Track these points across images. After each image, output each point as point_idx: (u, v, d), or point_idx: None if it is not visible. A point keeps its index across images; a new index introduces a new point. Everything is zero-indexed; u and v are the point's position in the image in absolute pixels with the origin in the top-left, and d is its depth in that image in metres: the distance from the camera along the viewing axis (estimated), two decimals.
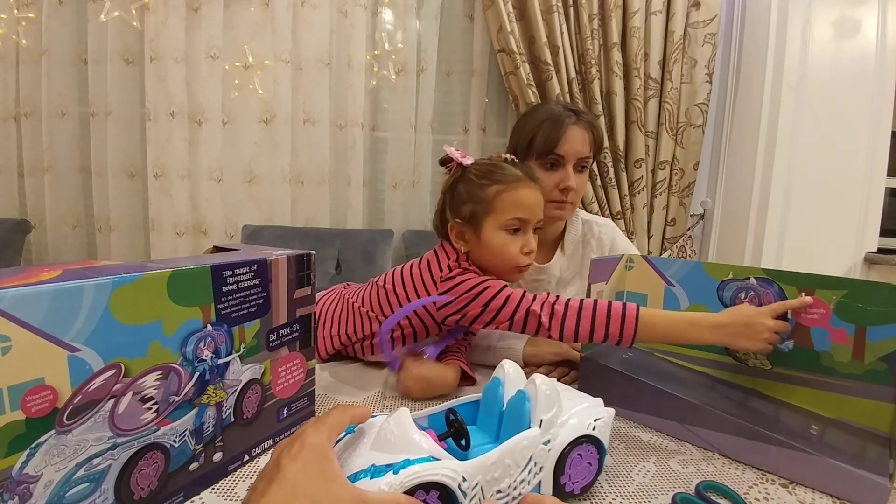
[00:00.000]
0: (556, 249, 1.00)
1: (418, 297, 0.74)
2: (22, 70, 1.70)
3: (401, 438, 0.37)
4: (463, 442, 0.42)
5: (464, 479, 0.37)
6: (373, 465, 0.36)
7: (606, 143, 1.74)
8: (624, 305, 0.62)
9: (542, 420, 0.42)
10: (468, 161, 0.79)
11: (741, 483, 0.50)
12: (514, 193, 0.76)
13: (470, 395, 0.51)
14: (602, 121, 1.73)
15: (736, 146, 1.84)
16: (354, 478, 0.35)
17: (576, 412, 0.45)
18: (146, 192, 1.74)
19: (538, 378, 0.44)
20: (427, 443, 0.37)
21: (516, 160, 0.81)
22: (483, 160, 0.80)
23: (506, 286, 0.70)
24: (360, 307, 0.79)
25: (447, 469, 0.36)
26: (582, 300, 0.65)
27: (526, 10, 1.68)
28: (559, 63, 1.68)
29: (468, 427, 0.43)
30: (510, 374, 0.48)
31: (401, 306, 0.75)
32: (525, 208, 0.77)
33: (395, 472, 0.34)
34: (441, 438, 0.41)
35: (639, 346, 0.74)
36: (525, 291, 0.68)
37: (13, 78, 1.70)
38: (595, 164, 1.75)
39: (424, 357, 0.71)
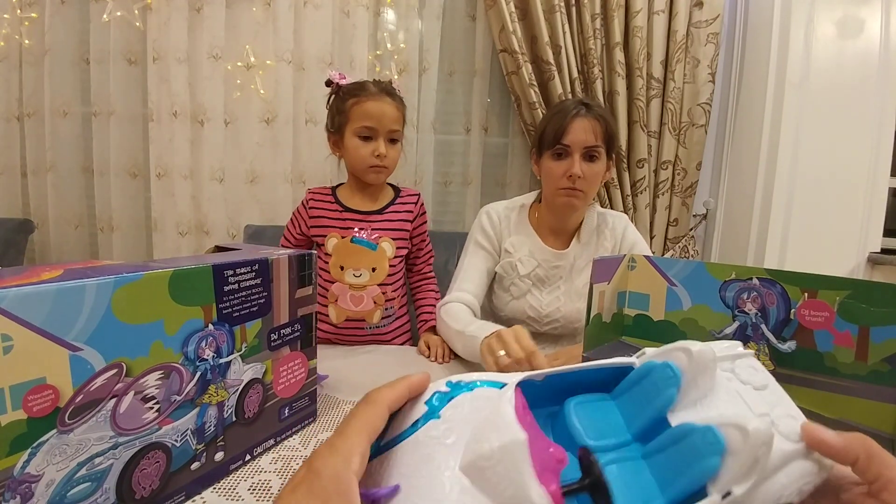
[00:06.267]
0: (573, 238, 1.06)
1: None
2: (25, 70, 1.70)
3: (508, 486, 0.24)
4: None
5: None
6: None
7: None
8: None
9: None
10: (345, 82, 0.99)
11: None
12: (362, 106, 0.95)
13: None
14: None
15: (739, 146, 1.84)
16: None
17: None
18: (148, 192, 1.75)
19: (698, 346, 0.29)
20: (543, 500, 0.24)
21: (391, 83, 1.03)
22: (362, 80, 1.01)
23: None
24: None
25: None
26: None
27: (528, 9, 1.67)
28: (561, 63, 1.68)
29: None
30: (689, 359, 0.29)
31: None
32: (370, 118, 0.95)
33: None
34: (568, 492, 0.26)
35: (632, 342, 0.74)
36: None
37: (16, 78, 1.71)
38: None
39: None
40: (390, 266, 1.01)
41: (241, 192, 1.78)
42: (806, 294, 0.57)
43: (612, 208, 1.79)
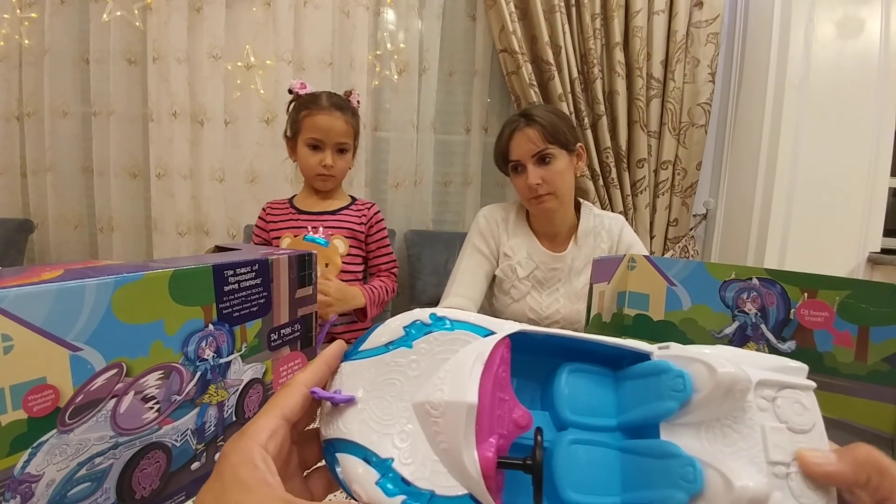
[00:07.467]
0: (570, 240, 1.07)
1: None
2: (24, 70, 1.71)
3: (445, 440, 0.24)
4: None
5: None
6: (366, 451, 0.25)
7: (608, 144, 1.74)
8: None
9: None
10: (304, 91, 1.04)
11: None
12: (313, 119, 1.00)
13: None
14: (604, 121, 1.73)
15: (739, 146, 1.84)
16: (346, 448, 0.26)
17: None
18: (148, 192, 1.75)
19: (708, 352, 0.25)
20: (474, 468, 0.23)
21: (346, 95, 1.06)
22: (318, 92, 1.04)
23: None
24: None
25: None
26: None
27: (528, 9, 1.67)
28: (561, 63, 1.68)
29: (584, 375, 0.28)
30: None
31: None
32: (319, 130, 1.00)
33: None
34: (502, 466, 0.24)
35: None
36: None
37: (16, 78, 1.71)
38: (597, 164, 1.75)
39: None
40: (344, 263, 1.03)
41: (241, 192, 1.78)
42: (806, 294, 0.57)
43: (612, 208, 1.79)
